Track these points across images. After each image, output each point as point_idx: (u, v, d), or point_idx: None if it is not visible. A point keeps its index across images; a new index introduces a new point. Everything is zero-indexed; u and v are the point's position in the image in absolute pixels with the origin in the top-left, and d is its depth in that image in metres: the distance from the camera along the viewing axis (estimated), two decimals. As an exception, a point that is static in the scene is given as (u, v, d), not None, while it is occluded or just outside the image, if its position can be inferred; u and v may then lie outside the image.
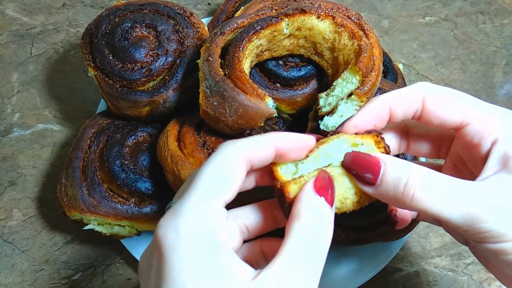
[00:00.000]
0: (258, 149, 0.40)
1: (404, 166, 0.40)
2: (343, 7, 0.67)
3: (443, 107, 0.43)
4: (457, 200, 0.38)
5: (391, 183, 0.39)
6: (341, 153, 0.43)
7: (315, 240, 0.38)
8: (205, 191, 0.37)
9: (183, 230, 0.35)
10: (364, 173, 0.40)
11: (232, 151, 0.39)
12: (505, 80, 1.02)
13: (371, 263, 0.73)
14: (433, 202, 0.38)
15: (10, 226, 0.80)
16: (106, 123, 0.75)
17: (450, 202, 0.38)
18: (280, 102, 0.70)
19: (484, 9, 1.13)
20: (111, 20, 0.74)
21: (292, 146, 0.41)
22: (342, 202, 0.42)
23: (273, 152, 0.41)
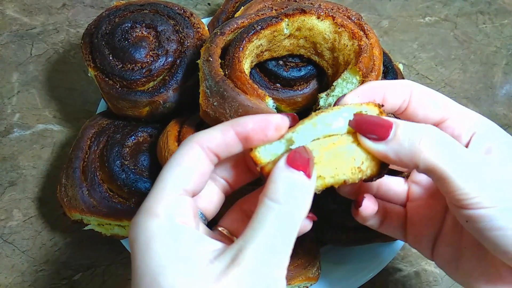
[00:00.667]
0: (213, 136, 0.41)
1: (417, 124, 0.41)
2: (343, 7, 0.67)
3: (429, 101, 0.46)
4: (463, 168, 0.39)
5: (406, 137, 0.40)
6: (342, 121, 0.43)
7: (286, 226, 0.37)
8: (161, 186, 0.39)
9: (141, 226, 0.38)
10: (375, 129, 0.41)
11: (186, 143, 0.41)
12: (505, 80, 1.02)
13: (371, 263, 0.73)
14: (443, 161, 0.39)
15: (10, 226, 0.80)
16: (106, 124, 0.75)
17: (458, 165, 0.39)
18: (280, 102, 0.70)
19: (484, 9, 1.13)
20: (111, 20, 0.74)
21: (252, 127, 0.41)
22: (338, 173, 0.41)
23: (234, 137, 0.41)
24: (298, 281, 0.68)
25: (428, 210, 0.50)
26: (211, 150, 0.41)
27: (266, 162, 0.41)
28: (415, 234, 0.51)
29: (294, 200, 0.37)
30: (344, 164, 0.42)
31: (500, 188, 0.40)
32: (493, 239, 0.40)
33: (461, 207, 0.40)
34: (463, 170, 0.39)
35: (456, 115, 0.45)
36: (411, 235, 0.51)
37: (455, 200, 0.40)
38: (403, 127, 0.41)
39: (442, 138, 0.41)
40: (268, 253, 0.36)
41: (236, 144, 0.41)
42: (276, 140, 0.42)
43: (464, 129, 0.45)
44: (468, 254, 0.46)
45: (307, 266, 0.68)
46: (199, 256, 0.36)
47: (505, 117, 0.96)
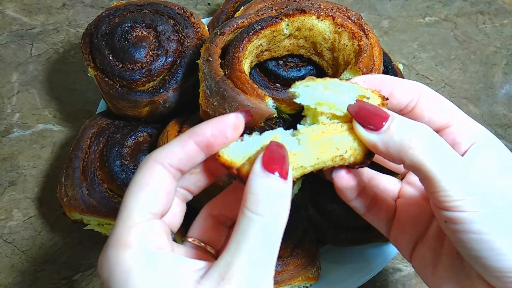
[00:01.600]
0: (173, 151, 0.40)
1: (412, 122, 0.42)
2: (343, 7, 0.67)
3: (436, 105, 0.47)
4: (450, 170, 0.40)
5: (399, 131, 0.41)
6: (346, 98, 0.43)
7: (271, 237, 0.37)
8: (128, 213, 0.38)
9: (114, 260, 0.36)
10: (371, 117, 0.41)
11: (145, 163, 0.40)
12: (505, 80, 1.02)
13: (371, 263, 0.73)
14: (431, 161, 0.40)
15: (10, 226, 0.80)
16: (106, 123, 0.75)
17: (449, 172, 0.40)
18: (280, 102, 0.70)
19: (484, 9, 1.13)
20: (111, 20, 0.74)
21: (212, 133, 0.40)
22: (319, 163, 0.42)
23: (195, 148, 0.40)
24: (298, 281, 0.68)
25: (417, 210, 0.50)
26: (173, 166, 0.40)
27: (241, 163, 0.40)
28: (399, 231, 0.51)
29: (276, 209, 0.37)
30: (326, 153, 0.42)
31: (484, 195, 0.40)
32: (468, 242, 0.40)
33: (443, 209, 0.41)
34: (449, 172, 0.40)
35: (460, 123, 0.46)
36: (395, 230, 0.51)
37: (437, 200, 0.41)
38: (398, 121, 0.41)
39: (434, 139, 0.41)
40: (257, 267, 0.35)
41: (198, 154, 0.40)
42: (238, 139, 0.42)
43: (465, 138, 0.45)
44: (446, 262, 0.47)
45: (307, 266, 0.68)
46: (184, 280, 0.35)
47: (505, 117, 0.96)
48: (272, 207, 0.37)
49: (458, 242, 0.41)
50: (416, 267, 0.50)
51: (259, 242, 0.36)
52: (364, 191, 0.50)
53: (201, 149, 0.40)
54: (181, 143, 0.40)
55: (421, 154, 0.40)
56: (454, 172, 0.40)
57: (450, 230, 0.42)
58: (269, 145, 0.39)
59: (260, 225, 0.36)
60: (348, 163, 0.43)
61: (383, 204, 0.52)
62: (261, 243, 0.36)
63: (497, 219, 0.40)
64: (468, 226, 0.40)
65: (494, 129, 0.95)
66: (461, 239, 0.41)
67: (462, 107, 0.97)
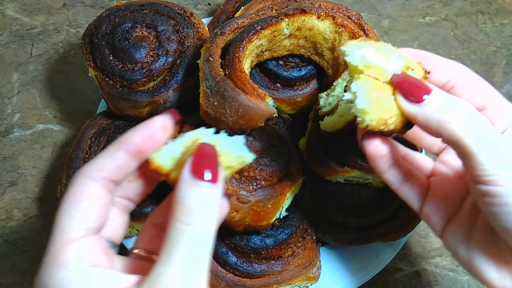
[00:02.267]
0: (103, 163, 0.39)
1: (454, 97, 0.43)
2: (343, 7, 0.67)
3: (475, 87, 0.48)
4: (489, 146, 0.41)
5: (439, 106, 0.42)
6: (394, 66, 0.43)
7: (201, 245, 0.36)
8: (61, 232, 0.37)
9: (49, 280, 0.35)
10: (413, 89, 0.42)
11: (75, 179, 0.39)
12: (505, 80, 1.02)
13: (371, 263, 0.73)
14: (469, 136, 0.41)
15: (10, 226, 0.80)
16: (106, 123, 0.75)
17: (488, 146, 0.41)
18: (280, 102, 0.70)
19: (484, 9, 1.13)
20: (111, 20, 0.74)
21: (141, 139, 0.39)
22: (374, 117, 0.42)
23: (125, 156, 0.39)
24: (298, 281, 0.68)
25: (451, 188, 0.51)
26: (105, 179, 0.39)
27: (168, 168, 0.39)
28: (432, 207, 0.50)
29: (206, 217, 0.36)
30: (377, 112, 0.42)
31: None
32: (503, 215, 0.41)
33: (479, 182, 0.42)
34: (487, 148, 0.41)
35: (498, 106, 0.47)
36: (428, 206, 0.51)
37: (474, 175, 0.42)
38: (440, 96, 0.42)
39: (474, 115, 0.42)
40: (188, 276, 0.35)
41: (130, 162, 0.39)
42: (168, 141, 0.40)
43: (502, 120, 0.46)
44: (479, 238, 0.47)
45: (307, 266, 0.69)
46: None
47: (505, 117, 0.96)
48: (202, 216, 0.36)
49: (493, 216, 0.42)
50: (447, 243, 0.50)
51: (190, 251, 0.35)
52: (398, 164, 0.50)
53: (132, 157, 0.39)
54: (110, 154, 0.39)
55: (460, 129, 0.41)
56: (491, 147, 0.41)
57: (485, 204, 0.43)
58: (198, 150, 0.37)
59: (190, 234, 0.35)
60: (387, 129, 0.43)
61: (417, 180, 0.51)
62: (192, 252, 0.35)
63: None
64: (504, 200, 0.41)
65: (494, 129, 0.95)
66: (496, 212, 0.42)
67: (462, 107, 0.98)
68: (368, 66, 0.43)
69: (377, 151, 0.47)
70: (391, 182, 0.50)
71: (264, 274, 0.67)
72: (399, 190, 0.51)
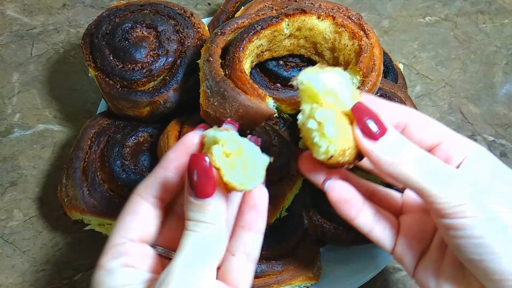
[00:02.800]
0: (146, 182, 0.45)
1: (404, 139, 0.44)
2: (343, 7, 0.67)
3: (425, 127, 0.48)
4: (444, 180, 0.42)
5: (392, 146, 0.42)
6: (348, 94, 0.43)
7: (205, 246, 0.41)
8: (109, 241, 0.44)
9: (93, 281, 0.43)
10: (372, 126, 0.42)
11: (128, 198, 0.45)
12: (505, 80, 1.02)
13: (371, 263, 0.73)
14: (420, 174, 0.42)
15: (10, 226, 0.80)
16: (106, 124, 0.75)
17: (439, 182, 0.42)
18: (280, 102, 0.70)
19: (484, 9, 1.13)
20: (111, 20, 0.74)
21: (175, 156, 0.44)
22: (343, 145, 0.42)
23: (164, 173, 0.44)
24: (299, 281, 0.68)
25: (421, 225, 0.51)
26: (151, 196, 0.44)
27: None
28: (404, 247, 0.50)
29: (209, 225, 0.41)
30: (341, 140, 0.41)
31: (481, 200, 0.42)
32: (470, 247, 0.41)
33: (443, 216, 0.42)
34: (441, 183, 0.42)
35: (451, 140, 0.47)
36: (400, 246, 0.51)
37: (436, 209, 0.42)
38: (393, 136, 0.43)
39: (423, 154, 0.43)
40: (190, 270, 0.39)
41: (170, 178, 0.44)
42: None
43: (457, 152, 0.46)
44: (448, 273, 0.47)
45: (307, 266, 0.69)
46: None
47: (505, 116, 0.96)
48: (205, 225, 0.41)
49: (459, 248, 0.42)
50: (419, 281, 0.50)
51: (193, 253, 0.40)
52: (367, 209, 0.50)
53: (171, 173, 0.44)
54: (153, 173, 0.45)
55: (410, 169, 0.42)
56: (445, 181, 0.42)
57: (450, 237, 0.43)
58: (188, 171, 0.40)
59: (195, 238, 0.41)
60: (343, 161, 0.42)
61: (387, 221, 0.51)
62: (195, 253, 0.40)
63: (496, 223, 0.41)
64: (470, 232, 0.41)
65: (494, 129, 0.95)
66: (463, 245, 0.42)
67: (462, 106, 0.98)
68: (328, 92, 0.42)
69: (342, 195, 0.47)
70: (362, 227, 0.50)
71: (264, 274, 0.67)
72: (370, 234, 0.51)
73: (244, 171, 0.39)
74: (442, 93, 0.99)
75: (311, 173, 0.48)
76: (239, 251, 0.44)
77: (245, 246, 0.44)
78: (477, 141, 0.93)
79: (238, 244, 0.44)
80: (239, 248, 0.44)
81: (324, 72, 0.42)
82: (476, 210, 0.41)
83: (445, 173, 0.42)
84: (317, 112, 0.41)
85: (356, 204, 0.48)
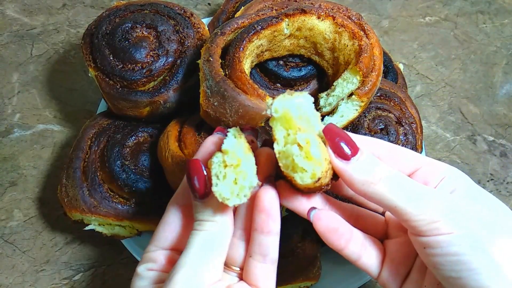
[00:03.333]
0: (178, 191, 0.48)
1: (376, 160, 0.44)
2: (343, 7, 0.67)
3: (398, 156, 0.48)
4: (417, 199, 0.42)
5: (364, 166, 0.43)
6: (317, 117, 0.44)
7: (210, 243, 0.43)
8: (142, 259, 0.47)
9: None
10: (344, 148, 0.43)
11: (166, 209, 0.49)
12: (505, 80, 1.02)
13: (371, 263, 0.72)
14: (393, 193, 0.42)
15: (10, 226, 0.80)
16: (106, 124, 0.75)
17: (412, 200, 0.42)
18: (280, 102, 0.70)
19: (484, 9, 1.13)
20: (111, 20, 0.74)
21: None
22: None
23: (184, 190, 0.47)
24: (299, 281, 0.68)
25: (406, 249, 0.50)
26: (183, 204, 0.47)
27: None
28: (389, 273, 0.50)
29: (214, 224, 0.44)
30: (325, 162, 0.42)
31: (456, 217, 0.42)
32: (447, 264, 0.41)
33: (419, 234, 0.42)
34: (415, 200, 0.42)
35: (427, 164, 0.48)
36: (385, 273, 0.50)
37: (411, 227, 0.42)
38: (365, 156, 0.43)
39: (395, 174, 0.43)
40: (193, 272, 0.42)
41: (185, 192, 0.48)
42: None
43: (434, 176, 0.47)
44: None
45: (308, 266, 0.68)
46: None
47: (505, 116, 0.96)
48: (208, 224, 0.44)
49: (437, 266, 0.42)
50: None
51: (199, 249, 0.43)
52: (355, 237, 0.49)
53: None
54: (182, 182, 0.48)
55: (382, 188, 0.42)
56: (419, 198, 0.42)
57: (427, 255, 0.43)
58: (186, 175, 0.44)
59: (201, 236, 0.43)
60: (321, 183, 0.42)
61: (373, 247, 0.51)
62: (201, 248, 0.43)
63: (472, 240, 0.41)
64: (446, 249, 0.41)
65: (494, 129, 0.95)
66: (440, 263, 0.42)
67: (462, 106, 0.98)
68: (301, 117, 0.42)
69: (329, 225, 0.47)
70: (350, 257, 0.50)
71: (264, 274, 0.67)
72: (358, 262, 0.50)
73: (233, 186, 0.41)
74: (442, 93, 0.99)
75: (290, 202, 0.48)
76: (256, 253, 0.45)
77: (260, 248, 0.45)
78: (477, 141, 0.93)
79: (254, 247, 0.45)
80: (255, 250, 0.45)
81: (296, 98, 0.42)
82: (451, 226, 0.41)
83: (418, 191, 0.43)
84: (298, 136, 0.41)
85: (345, 234, 0.48)
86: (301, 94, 0.43)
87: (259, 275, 0.45)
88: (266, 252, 0.45)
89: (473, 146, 0.93)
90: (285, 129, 0.42)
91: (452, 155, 0.91)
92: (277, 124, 0.42)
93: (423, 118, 0.95)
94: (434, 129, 0.95)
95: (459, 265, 0.41)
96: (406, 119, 0.71)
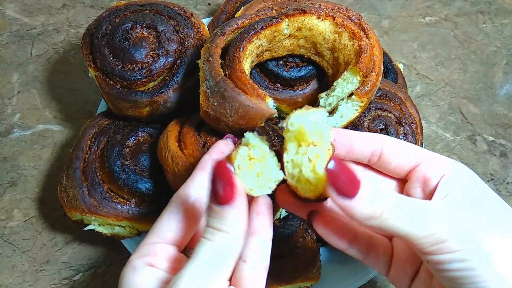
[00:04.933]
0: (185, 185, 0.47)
1: (378, 190, 0.42)
2: (343, 7, 0.67)
3: (400, 151, 0.49)
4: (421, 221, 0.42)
5: (367, 202, 0.41)
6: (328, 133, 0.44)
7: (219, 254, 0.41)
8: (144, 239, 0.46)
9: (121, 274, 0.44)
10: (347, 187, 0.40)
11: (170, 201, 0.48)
12: (505, 80, 1.02)
13: (371, 263, 0.73)
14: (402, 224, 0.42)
15: (10, 226, 0.80)
16: (106, 124, 0.75)
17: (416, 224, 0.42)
18: (280, 102, 0.70)
19: (484, 9, 1.13)
20: (111, 20, 0.74)
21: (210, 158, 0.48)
22: None
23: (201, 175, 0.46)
24: (299, 281, 0.68)
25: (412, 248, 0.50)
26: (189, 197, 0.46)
27: None
28: (399, 270, 0.50)
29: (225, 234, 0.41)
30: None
31: (462, 232, 0.42)
32: (457, 278, 0.42)
33: (429, 254, 0.42)
34: (420, 223, 0.41)
35: (428, 160, 0.48)
36: (395, 270, 0.51)
37: (420, 249, 0.42)
38: (367, 189, 0.41)
39: (397, 202, 0.42)
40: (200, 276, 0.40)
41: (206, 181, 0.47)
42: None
43: (435, 172, 0.47)
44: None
45: (308, 266, 0.68)
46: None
47: (505, 116, 0.96)
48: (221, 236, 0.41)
49: (445, 279, 0.43)
50: None
51: (206, 260, 0.41)
52: (358, 237, 0.49)
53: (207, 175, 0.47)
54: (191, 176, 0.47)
55: (386, 220, 0.41)
56: (422, 220, 0.41)
57: (436, 270, 0.43)
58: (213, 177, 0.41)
59: (210, 246, 0.41)
60: (322, 196, 0.43)
61: (380, 246, 0.51)
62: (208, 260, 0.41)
63: (481, 252, 0.41)
64: (456, 265, 0.41)
65: (494, 129, 0.95)
66: (448, 277, 0.42)
67: (462, 107, 0.98)
68: (315, 133, 0.42)
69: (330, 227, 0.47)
70: (355, 256, 0.50)
71: (264, 274, 0.67)
72: (365, 261, 0.51)
73: (257, 178, 0.42)
74: (442, 93, 0.99)
75: (290, 207, 0.49)
76: (249, 257, 0.44)
77: (254, 252, 0.44)
78: (477, 141, 0.93)
79: (248, 251, 0.44)
80: (249, 254, 0.44)
81: (312, 114, 0.43)
82: (459, 243, 0.41)
83: (420, 213, 0.42)
84: (309, 150, 0.42)
85: (347, 235, 0.48)
86: (317, 111, 0.43)
87: (251, 281, 0.44)
88: (260, 257, 0.45)
89: (473, 146, 0.93)
90: (297, 141, 0.43)
91: (452, 155, 0.91)
92: (290, 136, 0.43)
93: (423, 118, 0.95)
94: (434, 129, 0.95)
95: (471, 279, 0.41)
96: (406, 119, 0.71)
